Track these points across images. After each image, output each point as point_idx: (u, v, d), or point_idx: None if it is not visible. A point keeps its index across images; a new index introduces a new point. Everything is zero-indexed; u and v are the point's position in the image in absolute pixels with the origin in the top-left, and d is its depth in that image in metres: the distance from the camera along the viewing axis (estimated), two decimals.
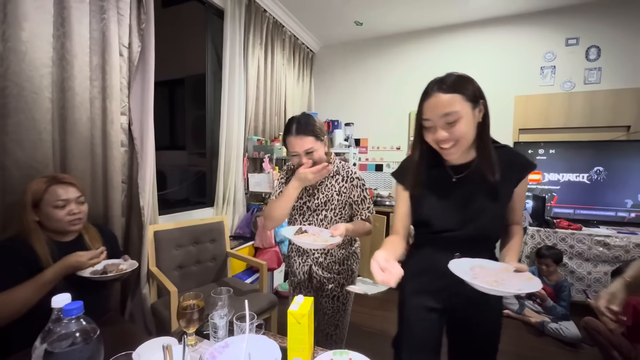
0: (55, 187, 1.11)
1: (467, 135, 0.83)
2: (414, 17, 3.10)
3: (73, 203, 1.14)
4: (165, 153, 3.83)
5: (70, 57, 1.39)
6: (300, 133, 1.14)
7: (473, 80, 0.85)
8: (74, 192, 1.15)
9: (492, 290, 0.71)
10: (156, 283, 1.71)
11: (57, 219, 1.11)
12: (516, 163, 0.89)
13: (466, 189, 0.90)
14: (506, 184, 0.89)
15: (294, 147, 1.16)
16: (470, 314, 0.94)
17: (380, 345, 1.17)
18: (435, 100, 0.82)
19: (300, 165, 1.17)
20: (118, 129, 1.60)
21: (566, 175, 2.76)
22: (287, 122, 1.20)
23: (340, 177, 1.27)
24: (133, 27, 1.64)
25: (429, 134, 0.87)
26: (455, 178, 0.93)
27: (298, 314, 0.78)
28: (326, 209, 1.26)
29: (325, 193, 1.26)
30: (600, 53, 2.72)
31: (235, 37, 2.50)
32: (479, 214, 0.89)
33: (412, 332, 1.00)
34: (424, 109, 0.86)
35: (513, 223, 0.95)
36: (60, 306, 0.56)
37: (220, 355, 0.82)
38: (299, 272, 1.35)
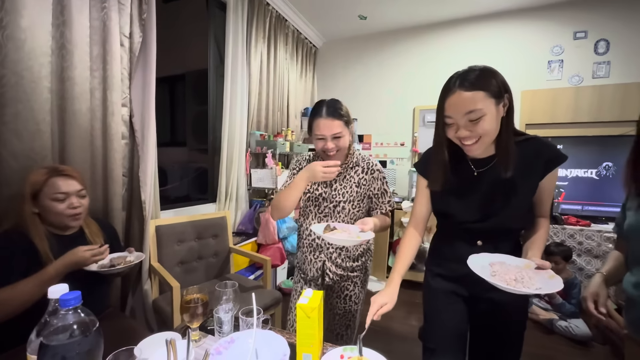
0: (55, 179, 1.07)
1: (490, 132, 0.80)
2: (419, 11, 3.05)
3: (74, 196, 1.10)
4: (165, 150, 3.79)
5: (70, 46, 1.36)
6: (330, 115, 1.11)
7: (497, 73, 0.81)
8: (75, 185, 1.11)
9: (511, 289, 0.69)
10: (158, 279, 1.67)
11: (57, 212, 1.06)
12: (543, 155, 0.85)
13: (488, 182, 0.88)
14: (531, 177, 0.86)
15: (322, 129, 1.12)
16: (494, 299, 0.92)
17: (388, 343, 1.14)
18: (458, 98, 0.78)
19: (324, 150, 1.15)
20: (119, 120, 1.56)
21: (574, 171, 2.71)
22: (316, 104, 1.17)
23: (360, 168, 1.23)
24: (134, 17, 1.60)
25: (451, 130, 0.84)
26: (477, 172, 0.91)
27: (307, 307, 0.75)
28: (344, 200, 1.21)
29: (343, 184, 1.22)
30: (609, 46, 2.67)
31: (238, 31, 2.46)
32: (500, 208, 0.87)
33: (437, 318, 1.02)
34: (446, 106, 0.82)
35: (540, 216, 0.92)
36: (57, 297, 0.53)
37: (226, 350, 0.79)
38: (310, 269, 1.29)
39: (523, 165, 0.84)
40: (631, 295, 0.83)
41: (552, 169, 0.85)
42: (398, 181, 3.48)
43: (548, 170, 0.85)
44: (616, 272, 0.91)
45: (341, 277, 1.26)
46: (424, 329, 1.06)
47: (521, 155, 0.84)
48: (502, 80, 0.81)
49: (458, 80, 0.79)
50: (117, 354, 0.65)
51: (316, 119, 1.14)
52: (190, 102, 3.73)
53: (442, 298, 1.01)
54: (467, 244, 0.93)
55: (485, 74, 0.79)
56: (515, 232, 0.95)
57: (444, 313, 1.00)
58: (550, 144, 0.88)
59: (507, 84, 0.82)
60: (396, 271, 0.96)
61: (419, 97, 3.31)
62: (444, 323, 1.00)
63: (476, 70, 0.80)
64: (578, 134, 2.75)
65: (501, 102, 0.80)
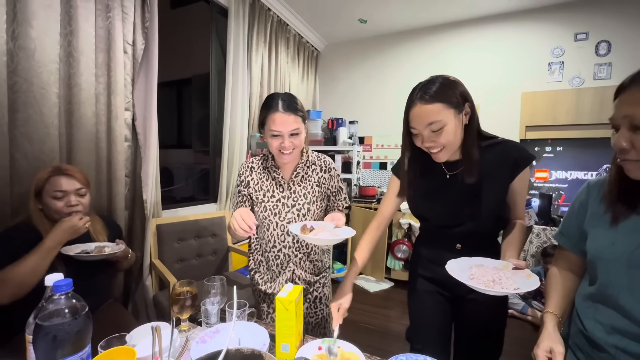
0: (56, 178, 1.14)
1: (452, 141, 0.84)
2: (418, 15, 3.08)
3: (72, 195, 1.15)
4: (172, 151, 3.91)
5: (77, 54, 1.44)
6: (287, 110, 1.02)
7: (457, 83, 0.85)
8: (74, 184, 1.17)
9: (489, 291, 0.70)
10: (158, 275, 1.75)
11: (55, 209, 1.12)
12: (511, 157, 0.87)
13: (460, 185, 0.91)
14: (500, 179, 0.88)
15: (277, 125, 1.01)
16: (475, 300, 0.95)
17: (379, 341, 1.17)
18: (419, 110, 0.82)
19: (281, 150, 1.04)
20: (122, 124, 1.64)
21: (574, 173, 2.69)
22: (269, 97, 1.06)
23: (317, 167, 1.17)
24: (137, 25, 1.68)
25: (418, 140, 0.89)
26: (449, 175, 0.94)
27: (286, 300, 0.79)
28: (308, 202, 1.14)
29: (303, 185, 1.15)
30: (610, 48, 2.65)
31: (239, 36, 2.53)
32: (474, 211, 0.90)
33: (422, 318, 1.04)
34: (410, 118, 0.86)
35: (514, 218, 0.94)
36: (51, 284, 0.59)
37: (211, 339, 0.84)
38: (275, 286, 1.16)
39: (492, 168, 0.87)
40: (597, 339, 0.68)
41: (521, 169, 0.87)
42: None
43: (517, 171, 0.87)
44: (567, 306, 0.77)
45: (310, 283, 1.20)
46: (409, 329, 1.09)
47: (489, 158, 0.87)
48: (462, 90, 0.84)
49: (419, 93, 0.83)
50: (109, 340, 0.71)
51: (271, 114, 1.02)
52: (195, 105, 3.84)
53: (426, 299, 1.03)
54: (446, 247, 0.95)
55: (444, 86, 0.82)
56: (492, 235, 0.97)
57: (428, 313, 1.03)
58: (518, 145, 0.90)
59: (468, 93, 0.85)
60: (351, 275, 0.99)
61: None
62: (429, 323, 1.03)
63: (436, 82, 0.83)
64: (579, 135, 2.74)
65: (462, 112, 0.84)
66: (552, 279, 0.82)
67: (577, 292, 0.79)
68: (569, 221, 0.80)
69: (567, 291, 0.79)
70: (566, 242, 0.81)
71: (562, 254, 0.84)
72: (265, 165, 1.17)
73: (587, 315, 0.72)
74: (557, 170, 2.75)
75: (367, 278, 3.14)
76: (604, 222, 0.69)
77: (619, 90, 0.62)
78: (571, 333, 0.79)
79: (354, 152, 3.30)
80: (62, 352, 0.55)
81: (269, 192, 1.14)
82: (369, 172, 3.68)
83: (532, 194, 2.79)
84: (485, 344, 1.00)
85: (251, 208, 1.18)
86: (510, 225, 0.93)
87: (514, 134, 2.96)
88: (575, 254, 0.80)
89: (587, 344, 0.72)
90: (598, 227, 0.71)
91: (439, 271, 0.96)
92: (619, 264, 0.64)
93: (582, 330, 0.73)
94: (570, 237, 0.80)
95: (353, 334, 2.08)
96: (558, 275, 0.82)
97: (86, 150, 1.50)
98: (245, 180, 1.16)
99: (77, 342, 0.57)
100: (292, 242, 1.15)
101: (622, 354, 0.64)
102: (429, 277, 1.03)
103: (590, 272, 0.74)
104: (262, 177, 1.16)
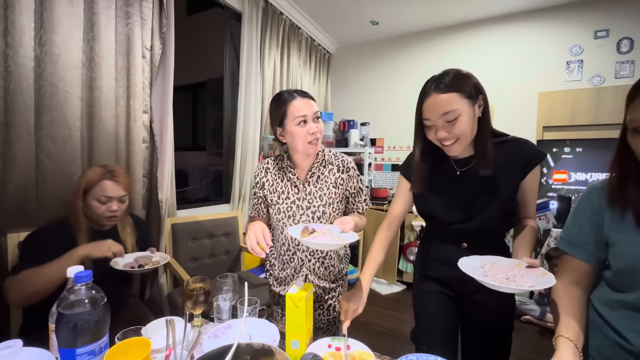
0: (106, 183, 1.16)
1: (467, 132, 0.83)
2: (430, 15, 3.06)
3: (115, 201, 1.19)
4: (187, 154, 4.01)
5: (98, 58, 1.51)
6: (305, 97, 1.03)
7: (471, 76, 0.85)
8: (119, 191, 1.19)
9: (504, 288, 0.69)
10: (172, 273, 1.79)
11: (97, 212, 1.16)
12: (522, 156, 0.87)
13: (470, 182, 0.90)
14: (511, 176, 0.87)
15: (302, 110, 1.00)
16: (482, 300, 0.94)
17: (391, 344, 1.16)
18: (434, 100, 0.82)
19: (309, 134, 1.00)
20: (140, 126, 1.70)
21: (595, 175, 2.60)
22: (278, 94, 1.06)
23: (335, 167, 1.11)
24: (155, 30, 1.74)
25: (430, 132, 0.87)
26: (460, 171, 0.93)
27: (296, 297, 0.80)
28: (323, 204, 1.08)
29: (319, 186, 1.09)
30: (633, 45, 2.55)
31: (252, 40, 2.58)
32: (483, 208, 0.88)
33: (427, 319, 1.03)
34: (423, 108, 0.86)
35: (525, 217, 0.92)
36: (72, 275, 0.62)
37: (223, 334, 0.86)
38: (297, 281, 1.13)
39: (503, 165, 0.86)
40: None
41: (532, 167, 0.86)
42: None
43: (528, 169, 0.86)
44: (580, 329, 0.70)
45: (324, 289, 1.15)
46: (414, 330, 1.08)
47: (501, 155, 0.86)
48: (476, 82, 0.84)
49: (433, 84, 0.83)
50: (126, 332, 0.74)
51: (290, 102, 1.01)
52: (209, 108, 3.93)
53: (431, 299, 1.02)
54: (453, 246, 0.94)
55: (458, 77, 0.82)
56: (499, 234, 0.96)
57: (433, 314, 1.01)
58: (529, 143, 0.89)
59: (481, 85, 0.84)
60: (366, 274, 0.96)
61: None
62: (434, 324, 1.01)
63: (450, 73, 0.83)
64: (599, 136, 2.64)
65: (476, 103, 0.83)
66: (559, 297, 0.76)
67: (595, 300, 0.75)
68: (578, 229, 0.75)
69: (579, 310, 0.72)
70: (579, 252, 0.75)
71: (569, 264, 0.77)
72: (281, 166, 1.13)
73: (625, 326, 0.67)
74: (576, 171, 2.66)
75: (378, 281, 3.11)
76: (629, 226, 0.65)
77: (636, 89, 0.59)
78: (598, 345, 0.73)
79: (365, 153, 3.29)
80: (82, 340, 0.57)
81: (283, 194, 1.10)
82: (381, 174, 3.66)
83: (550, 196, 2.71)
84: (492, 346, 0.98)
85: (267, 210, 1.17)
86: (521, 224, 0.92)
87: (531, 134, 2.89)
88: (587, 264, 0.74)
89: (627, 356, 0.67)
90: (624, 232, 0.66)
91: (444, 270, 0.97)
92: None
93: (619, 342, 0.68)
94: (584, 245, 0.74)
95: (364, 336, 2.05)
96: (565, 292, 0.75)
97: (106, 151, 1.56)
98: (260, 182, 1.14)
99: (96, 331, 0.59)
100: (306, 247, 1.11)
101: None
102: (433, 277, 1.02)
103: (623, 281, 0.69)
104: (277, 179, 1.13)
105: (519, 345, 2.03)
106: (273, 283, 1.20)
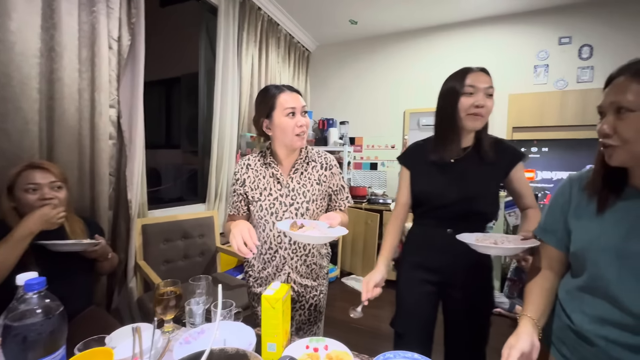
0: (29, 172, 1.09)
1: (491, 112, 0.97)
2: (409, 16, 3.11)
3: (46, 187, 1.10)
4: (160, 151, 3.84)
5: (60, 48, 1.40)
6: (293, 91, 1.05)
7: None
8: (48, 177, 1.11)
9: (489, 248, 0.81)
10: (143, 277, 1.70)
11: (28, 203, 1.07)
12: (509, 152, 1.02)
13: (462, 169, 1.01)
14: (497, 169, 1.01)
15: (291, 102, 1.01)
16: (463, 286, 1.02)
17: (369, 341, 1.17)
18: (480, 75, 0.96)
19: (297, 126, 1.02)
20: (107, 121, 1.60)
21: (559, 173, 2.75)
22: (265, 88, 1.07)
23: (318, 165, 1.12)
24: (123, 21, 1.65)
25: (469, 99, 0.95)
26: (454, 159, 1.03)
27: (272, 298, 0.78)
28: (307, 200, 1.08)
29: (302, 182, 1.09)
30: (592, 52, 2.73)
31: (229, 35, 2.51)
32: (473, 192, 0.99)
33: (406, 304, 1.09)
34: (469, 78, 0.96)
35: (527, 207, 1.03)
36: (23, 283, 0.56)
37: (195, 340, 0.82)
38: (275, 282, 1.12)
39: (491, 158, 1.00)
40: (586, 332, 0.68)
41: (515, 164, 1.00)
42: (389, 183, 3.52)
43: (513, 164, 1.00)
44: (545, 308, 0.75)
45: (306, 287, 1.14)
46: (395, 316, 1.12)
47: (489, 149, 1.00)
48: None
49: (478, 68, 0.97)
50: (87, 342, 0.68)
51: (280, 94, 1.02)
52: (184, 104, 3.78)
53: (413, 285, 1.08)
54: (439, 232, 1.03)
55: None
56: (484, 220, 1.04)
57: (413, 299, 1.07)
58: (511, 144, 1.05)
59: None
60: (383, 255, 1.05)
61: (409, 101, 3.36)
62: (412, 309, 1.07)
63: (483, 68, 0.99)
64: (564, 137, 2.80)
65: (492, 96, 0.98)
66: (531, 280, 0.81)
67: (560, 287, 0.79)
68: (551, 217, 0.79)
69: (546, 292, 0.77)
70: (550, 238, 0.79)
71: (543, 251, 0.82)
72: (263, 162, 1.12)
73: (574, 308, 0.72)
74: (543, 170, 2.81)
75: (357, 278, 3.13)
76: (589, 213, 0.70)
77: (608, 81, 0.65)
78: (554, 328, 0.79)
79: (344, 152, 3.30)
80: (34, 354, 0.52)
81: (265, 191, 1.08)
82: (360, 173, 3.69)
83: None
84: (473, 330, 1.03)
85: (247, 207, 1.14)
86: (525, 213, 1.03)
87: (501, 134, 3.01)
88: (558, 250, 0.78)
89: (575, 338, 0.72)
90: (584, 219, 0.70)
91: (428, 255, 1.05)
92: (609, 254, 0.64)
93: (568, 324, 0.73)
94: (554, 232, 0.78)
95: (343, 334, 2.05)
96: (538, 276, 0.80)
97: (68, 147, 1.45)
98: (241, 179, 1.12)
99: (50, 343, 0.54)
100: (289, 244, 1.10)
101: (612, 346, 0.64)
102: (417, 263, 1.08)
103: (576, 265, 0.74)
104: (258, 175, 1.11)
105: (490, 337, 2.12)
106: (253, 284, 1.17)
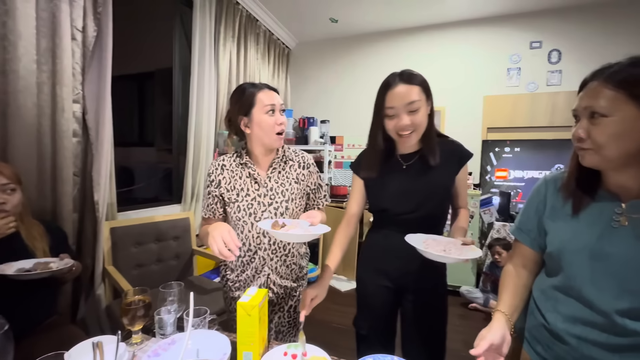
0: None
1: (423, 124, 0.93)
2: (389, 17, 3.14)
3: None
4: (133, 149, 3.65)
5: (14, 37, 1.29)
6: (271, 89, 1.07)
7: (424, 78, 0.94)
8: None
9: (440, 257, 0.80)
10: (112, 283, 1.60)
11: None
12: (456, 153, 1.00)
13: (415, 175, 0.99)
14: (449, 169, 0.99)
15: (270, 99, 1.02)
16: (420, 290, 1.03)
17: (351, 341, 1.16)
18: (401, 90, 0.89)
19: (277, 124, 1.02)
20: (70, 117, 1.49)
21: (530, 172, 2.88)
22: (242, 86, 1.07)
23: (295, 163, 1.11)
24: (88, 10, 1.54)
25: (392, 121, 0.93)
26: (405, 165, 1.01)
27: (248, 305, 0.74)
28: (286, 199, 1.06)
29: (280, 182, 1.08)
30: (560, 56, 2.86)
31: (205, 29, 2.42)
32: (428, 198, 0.98)
33: (368, 306, 1.09)
34: (387, 98, 0.91)
35: (459, 207, 1.05)
36: None
37: (165, 352, 0.77)
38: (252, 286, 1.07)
39: (443, 159, 0.97)
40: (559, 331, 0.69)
41: (464, 163, 1.00)
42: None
43: (462, 164, 1.00)
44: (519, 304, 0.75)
45: (285, 289, 1.12)
46: (356, 317, 1.12)
47: (441, 151, 0.97)
48: (427, 84, 0.94)
49: (398, 77, 0.91)
50: (43, 359, 0.62)
51: (259, 91, 1.03)
52: (158, 101, 3.61)
53: (372, 288, 1.08)
54: (398, 238, 0.96)
55: (417, 74, 0.93)
56: (440, 222, 1.04)
57: (374, 302, 1.07)
58: (459, 143, 1.03)
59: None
60: (327, 265, 1.00)
61: None
62: (374, 311, 1.08)
63: (408, 71, 0.93)
64: (534, 137, 2.92)
65: (429, 100, 0.93)
66: (505, 277, 0.81)
67: (534, 286, 0.80)
68: (526, 217, 0.80)
69: (520, 289, 0.78)
70: (524, 238, 0.80)
71: (518, 250, 0.82)
72: (239, 162, 1.08)
73: (547, 307, 0.74)
74: (515, 169, 2.92)
75: (338, 278, 3.13)
76: (564, 215, 0.71)
77: (582, 86, 0.65)
78: (528, 326, 0.80)
79: (325, 151, 3.28)
80: None
81: (242, 191, 1.06)
82: (340, 172, 3.69)
83: (493, 192, 2.94)
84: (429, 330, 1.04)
85: (223, 209, 1.10)
86: (456, 213, 1.06)
87: (477, 135, 3.11)
88: (532, 249, 0.79)
89: (549, 336, 0.73)
90: (559, 220, 0.71)
91: (386, 261, 1.04)
92: (582, 255, 0.65)
93: (543, 323, 0.74)
94: (529, 232, 0.79)
95: (324, 334, 2.05)
96: (512, 273, 0.80)
97: (25, 145, 1.34)
98: (216, 180, 1.07)
99: None
100: (268, 245, 1.07)
101: (584, 344, 0.66)
102: (376, 268, 1.07)
103: (551, 265, 0.75)
104: (234, 176, 1.07)
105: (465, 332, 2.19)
106: (230, 288, 1.13)
